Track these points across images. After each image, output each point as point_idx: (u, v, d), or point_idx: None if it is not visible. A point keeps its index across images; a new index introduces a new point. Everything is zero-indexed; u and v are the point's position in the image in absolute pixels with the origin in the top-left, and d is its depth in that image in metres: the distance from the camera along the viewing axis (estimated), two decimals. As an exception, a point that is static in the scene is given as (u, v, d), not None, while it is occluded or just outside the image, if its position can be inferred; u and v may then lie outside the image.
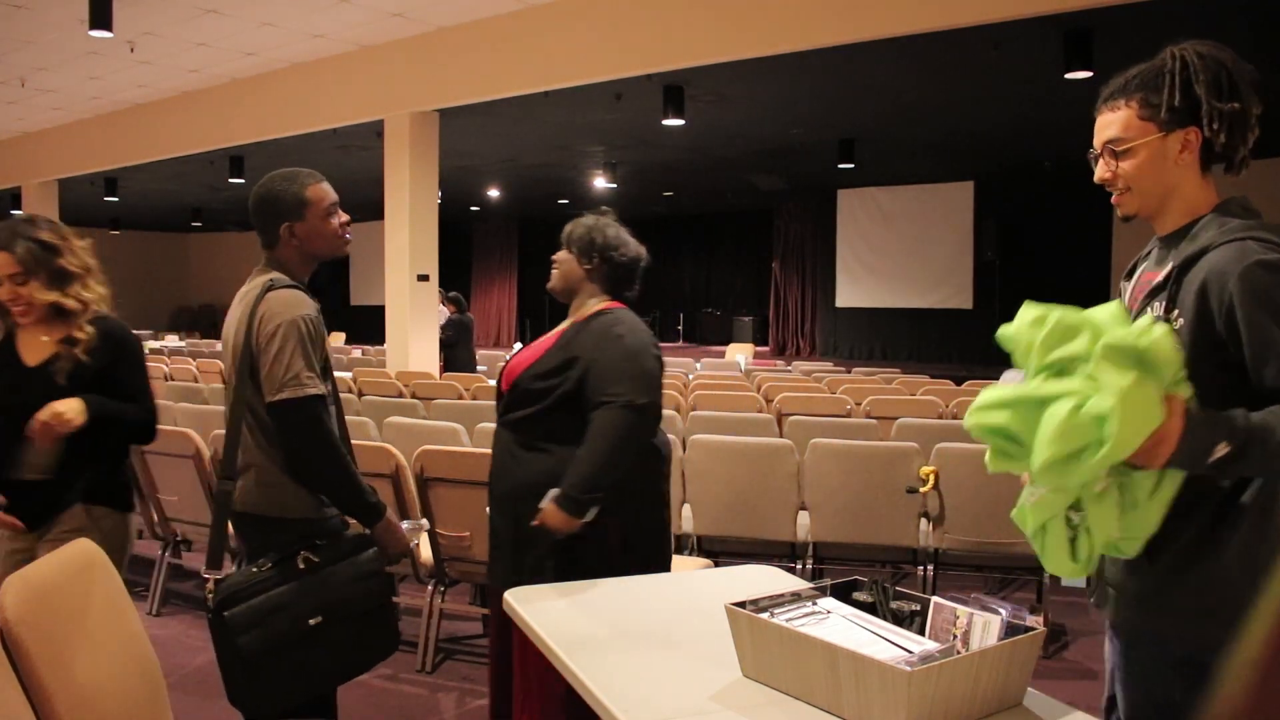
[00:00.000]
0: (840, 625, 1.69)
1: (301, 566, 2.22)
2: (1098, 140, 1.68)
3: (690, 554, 4.36)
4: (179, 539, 4.46)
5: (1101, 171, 1.69)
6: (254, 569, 2.21)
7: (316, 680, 2.27)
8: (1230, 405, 1.49)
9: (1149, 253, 1.78)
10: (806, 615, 1.72)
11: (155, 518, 4.46)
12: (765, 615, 1.69)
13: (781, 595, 1.78)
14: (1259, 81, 1.62)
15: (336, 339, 17.09)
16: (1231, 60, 1.62)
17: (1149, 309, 1.63)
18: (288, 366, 2.21)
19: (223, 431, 2.37)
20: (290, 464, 2.29)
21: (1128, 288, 1.78)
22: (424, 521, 2.69)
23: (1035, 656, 1.60)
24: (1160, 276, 1.64)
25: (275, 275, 2.36)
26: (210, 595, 2.16)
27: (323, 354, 2.34)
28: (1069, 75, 7.68)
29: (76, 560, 1.89)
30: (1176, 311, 1.58)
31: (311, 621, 2.19)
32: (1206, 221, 1.64)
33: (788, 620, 1.67)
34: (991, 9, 6.36)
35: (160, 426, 2.77)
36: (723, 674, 1.72)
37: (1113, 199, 1.70)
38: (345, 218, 2.45)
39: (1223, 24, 7.39)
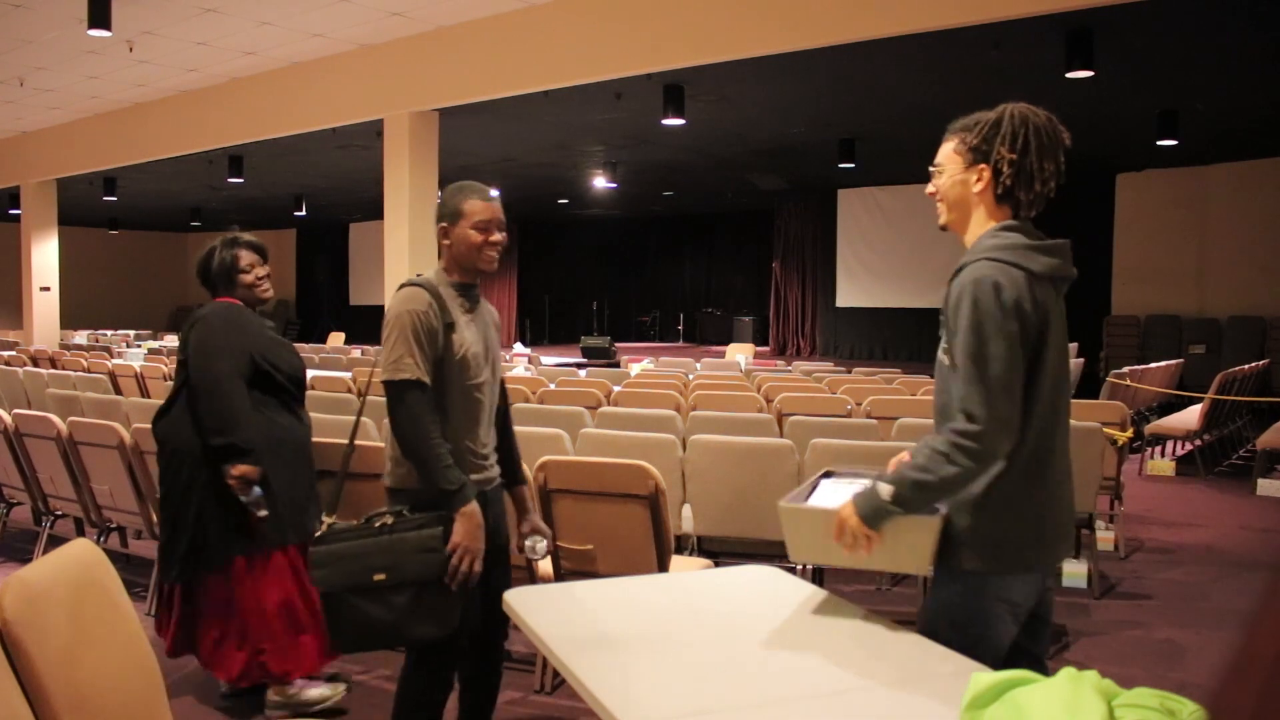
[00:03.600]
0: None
1: (376, 526, 2.48)
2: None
3: (690, 554, 4.36)
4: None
5: (929, 186, 2.20)
6: (353, 523, 2.52)
7: (377, 631, 2.50)
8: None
9: None
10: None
11: (155, 518, 4.45)
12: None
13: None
14: (1064, 146, 2.09)
15: (336, 339, 17.08)
16: (1043, 122, 2.08)
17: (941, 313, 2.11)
18: (390, 352, 2.52)
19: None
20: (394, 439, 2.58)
21: None
22: (542, 544, 2.87)
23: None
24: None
25: (419, 275, 2.66)
26: None
27: (437, 345, 2.57)
28: (1069, 75, 7.67)
29: (76, 560, 1.88)
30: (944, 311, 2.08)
31: (376, 577, 2.45)
32: (974, 245, 2.10)
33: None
34: (991, 9, 6.35)
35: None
36: (723, 674, 1.72)
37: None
38: (496, 237, 2.68)
39: (1222, 24, 7.39)
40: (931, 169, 2.17)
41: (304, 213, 19.42)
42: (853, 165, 13.04)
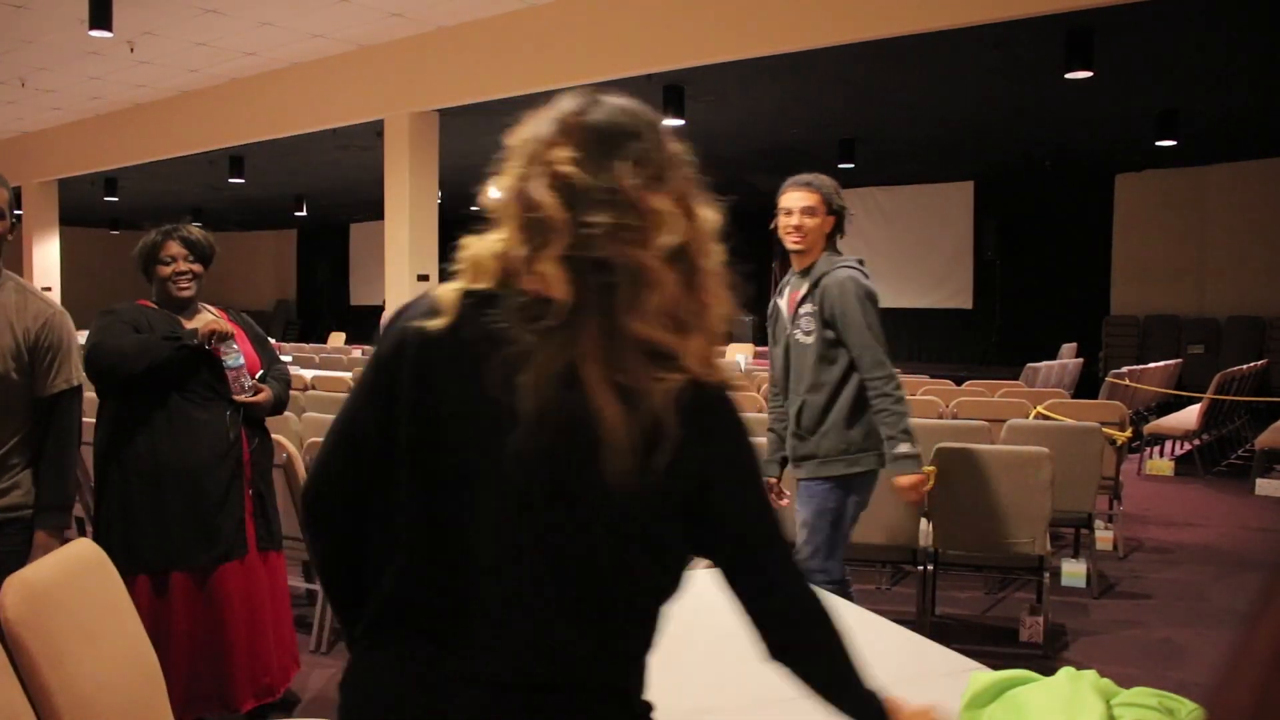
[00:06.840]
0: None
1: None
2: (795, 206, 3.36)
3: (690, 554, 4.35)
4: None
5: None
6: None
7: None
8: (834, 361, 3.31)
9: (788, 280, 3.54)
10: None
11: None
12: None
13: None
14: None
15: (336, 339, 17.07)
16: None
17: (802, 308, 3.37)
18: None
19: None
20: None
21: (782, 303, 3.53)
22: None
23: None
24: (802, 292, 3.37)
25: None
26: None
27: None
28: (1069, 75, 7.67)
29: (77, 560, 1.89)
30: (817, 307, 3.30)
31: None
32: (820, 261, 3.37)
33: None
34: (991, 9, 6.35)
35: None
36: (723, 674, 1.72)
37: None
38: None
39: (1222, 24, 7.39)
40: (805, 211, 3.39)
41: (304, 213, 19.41)
42: (852, 165, 13.04)
